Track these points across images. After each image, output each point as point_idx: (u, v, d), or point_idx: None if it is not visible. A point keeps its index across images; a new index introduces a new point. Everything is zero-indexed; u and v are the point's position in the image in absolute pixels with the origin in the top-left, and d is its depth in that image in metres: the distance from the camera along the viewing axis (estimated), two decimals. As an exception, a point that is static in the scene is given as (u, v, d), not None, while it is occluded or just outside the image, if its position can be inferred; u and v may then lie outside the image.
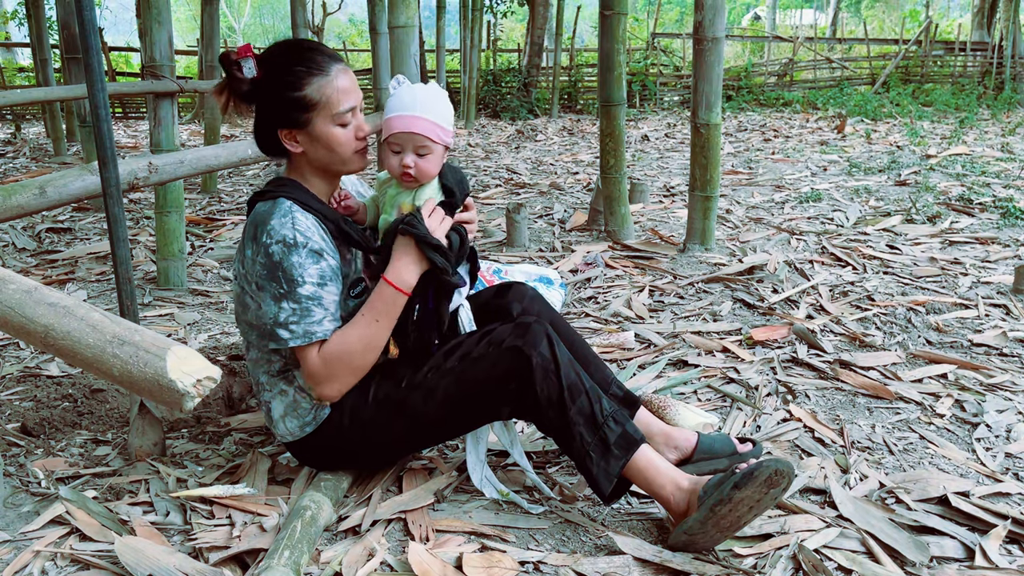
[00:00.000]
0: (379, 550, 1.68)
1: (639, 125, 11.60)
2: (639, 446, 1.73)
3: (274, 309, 1.73)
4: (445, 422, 1.85)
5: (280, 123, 1.79)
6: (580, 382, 1.76)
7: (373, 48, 5.42)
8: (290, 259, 1.71)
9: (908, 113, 11.45)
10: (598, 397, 1.76)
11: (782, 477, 1.57)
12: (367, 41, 13.10)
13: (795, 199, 5.47)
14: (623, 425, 1.74)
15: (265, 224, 1.74)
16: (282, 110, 1.76)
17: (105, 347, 1.25)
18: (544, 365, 1.74)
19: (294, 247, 1.72)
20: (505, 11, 16.45)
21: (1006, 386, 2.47)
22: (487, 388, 1.78)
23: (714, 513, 1.59)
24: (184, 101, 13.64)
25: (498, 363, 1.77)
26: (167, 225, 3.68)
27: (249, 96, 1.79)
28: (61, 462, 2.07)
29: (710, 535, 1.63)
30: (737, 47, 21.44)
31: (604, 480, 1.72)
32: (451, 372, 1.80)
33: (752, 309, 3.24)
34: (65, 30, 6.19)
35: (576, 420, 1.73)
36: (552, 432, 1.78)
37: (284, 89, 1.75)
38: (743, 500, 1.58)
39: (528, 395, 1.75)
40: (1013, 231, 4.36)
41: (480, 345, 1.81)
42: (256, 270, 1.75)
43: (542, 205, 5.58)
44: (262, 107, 1.81)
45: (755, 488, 1.57)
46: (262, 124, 1.84)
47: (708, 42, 3.82)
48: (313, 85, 1.75)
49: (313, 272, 1.73)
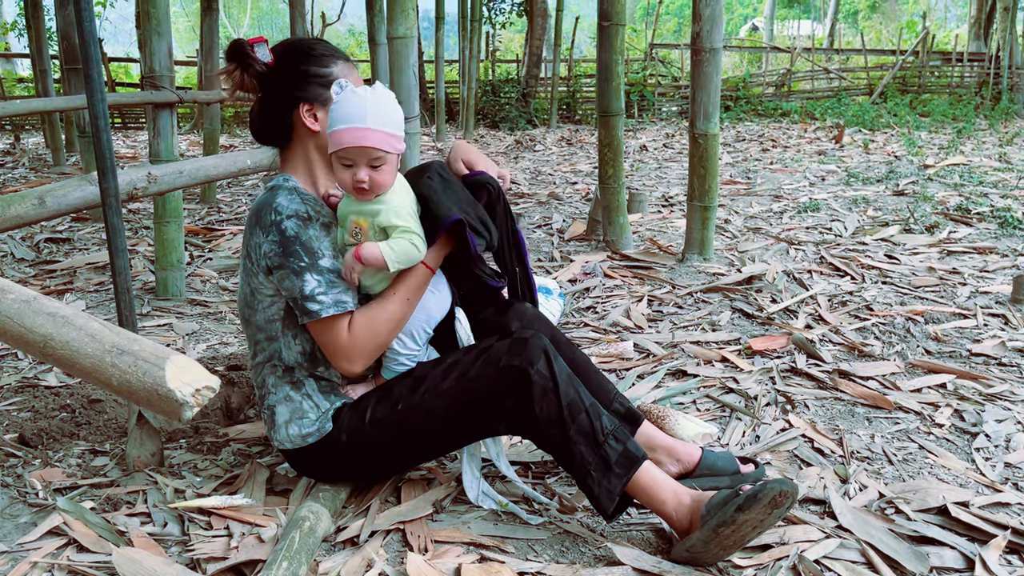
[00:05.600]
0: (377, 561, 1.67)
1: (637, 135, 11.63)
2: (641, 463, 1.72)
3: (298, 283, 1.75)
4: (441, 440, 1.84)
5: (304, 98, 1.85)
6: (580, 399, 1.73)
7: (372, 59, 5.44)
8: (307, 232, 1.76)
9: (906, 123, 11.48)
10: (598, 414, 1.74)
11: (786, 498, 1.56)
12: (366, 52, 13.16)
13: (793, 209, 5.48)
14: (624, 443, 1.72)
15: (270, 204, 1.78)
16: (307, 85, 1.84)
17: (104, 357, 1.25)
18: (543, 384, 1.72)
19: (308, 221, 1.77)
20: (504, 22, 16.48)
21: (1005, 396, 2.47)
22: (484, 407, 1.77)
23: (717, 534, 1.58)
24: (183, 112, 13.65)
25: (495, 382, 1.75)
26: (166, 235, 3.68)
27: (261, 78, 1.87)
28: (59, 473, 2.06)
29: (713, 553, 1.63)
30: (735, 58, 21.50)
31: (606, 499, 1.70)
32: (448, 392, 1.78)
33: (751, 319, 3.24)
34: (65, 41, 6.21)
35: (576, 439, 1.71)
36: (552, 450, 1.76)
37: (312, 64, 1.85)
38: (747, 521, 1.57)
39: (526, 413, 1.73)
40: (1011, 241, 4.37)
41: (477, 364, 1.78)
42: (269, 251, 1.76)
43: (541, 215, 5.59)
44: (278, 87, 1.87)
45: (759, 510, 1.56)
46: (275, 105, 1.88)
47: (706, 53, 3.84)
48: (338, 66, 1.88)
49: (328, 245, 1.79)
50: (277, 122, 1.90)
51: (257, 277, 1.81)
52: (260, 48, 1.85)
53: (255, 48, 1.85)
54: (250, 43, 1.85)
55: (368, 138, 1.71)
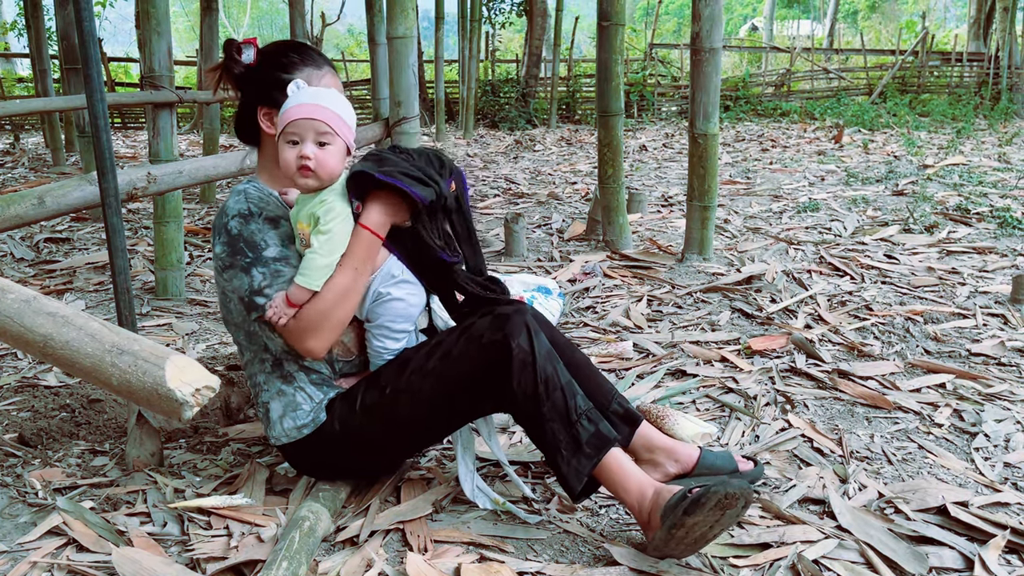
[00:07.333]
0: (377, 561, 1.67)
1: (637, 135, 11.63)
2: (612, 445, 1.73)
3: (246, 280, 1.78)
4: (432, 423, 1.85)
5: (262, 101, 1.88)
6: (556, 376, 1.74)
7: (372, 59, 5.43)
8: (248, 228, 1.79)
9: (905, 123, 11.48)
10: (573, 393, 1.75)
11: (734, 499, 1.54)
12: (366, 52, 13.15)
13: (793, 209, 5.48)
14: (597, 424, 1.73)
15: (223, 208, 1.84)
16: (267, 89, 1.86)
17: (104, 356, 1.25)
18: (522, 357, 1.72)
19: (250, 217, 1.80)
20: (503, 22, 16.48)
21: (1004, 396, 2.47)
22: (469, 384, 1.78)
23: (672, 535, 1.60)
24: (183, 111, 13.65)
25: (479, 358, 1.76)
26: (166, 235, 3.68)
27: (240, 78, 1.91)
28: (58, 472, 2.06)
29: (677, 550, 1.65)
30: (735, 57, 21.49)
31: (574, 479, 1.71)
32: (433, 372, 1.79)
33: (750, 319, 3.24)
34: (64, 41, 6.21)
35: (550, 416, 1.72)
36: (526, 424, 1.77)
37: (275, 70, 1.87)
38: (697, 524, 1.57)
39: (506, 386, 1.73)
40: (1010, 241, 4.37)
41: (460, 342, 1.79)
42: (220, 252, 1.81)
43: (540, 215, 5.59)
44: (249, 88, 1.91)
45: (705, 514, 1.55)
46: (245, 105, 1.93)
47: (706, 53, 3.84)
48: (303, 72, 1.88)
49: (273, 236, 1.80)
50: (246, 123, 1.95)
51: (221, 277, 1.85)
52: (247, 50, 1.88)
53: (243, 49, 1.88)
54: (243, 43, 1.89)
55: (318, 112, 1.71)
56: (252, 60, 1.89)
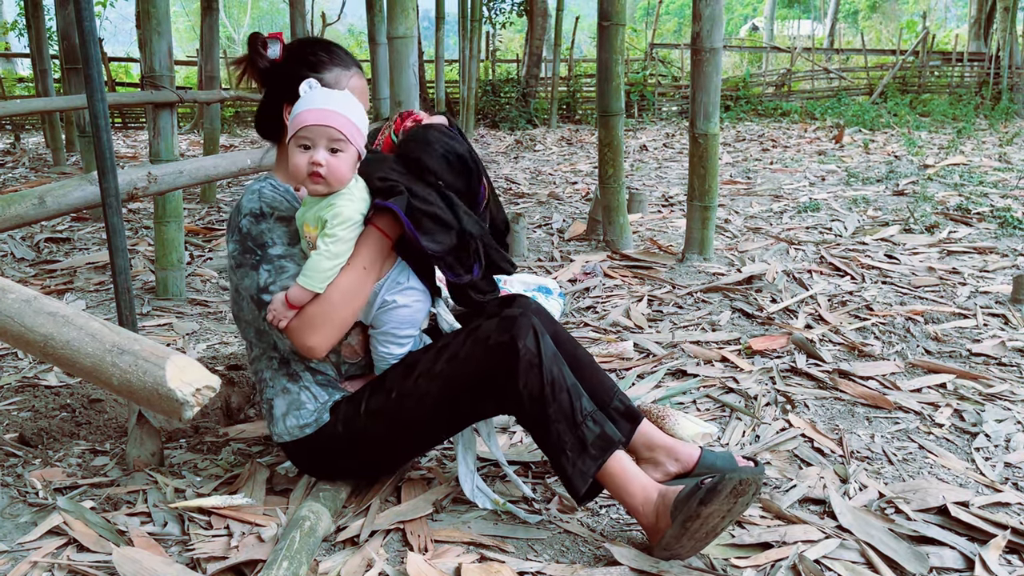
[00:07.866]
0: (378, 560, 1.67)
1: (637, 135, 11.63)
2: (617, 447, 1.73)
3: (255, 278, 1.79)
4: (436, 425, 1.85)
5: (288, 97, 1.83)
6: (562, 378, 1.74)
7: (372, 59, 5.44)
8: (259, 227, 1.79)
9: (906, 123, 11.48)
10: (579, 395, 1.75)
11: (747, 486, 1.56)
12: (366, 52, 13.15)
13: (793, 209, 5.48)
14: (602, 426, 1.73)
15: (237, 206, 1.84)
16: (294, 85, 1.79)
17: (104, 356, 1.25)
18: (528, 359, 1.72)
19: (261, 217, 1.80)
20: (504, 22, 16.48)
21: (1005, 396, 2.47)
22: (475, 386, 1.77)
23: (686, 529, 1.60)
24: (183, 111, 13.65)
25: (485, 360, 1.75)
26: (166, 235, 3.68)
27: (265, 73, 1.89)
28: (59, 472, 2.06)
29: (687, 547, 1.64)
30: (735, 57, 21.50)
31: (579, 480, 1.71)
32: (440, 375, 1.79)
33: (751, 319, 3.24)
34: (65, 41, 6.21)
35: (556, 418, 1.72)
36: (530, 426, 1.77)
37: (303, 67, 1.85)
38: (712, 513, 1.57)
39: (511, 388, 1.73)
40: (1011, 241, 4.37)
41: (467, 344, 1.79)
42: (232, 250, 1.82)
43: (541, 215, 5.59)
44: (274, 84, 1.90)
45: (721, 502, 1.56)
46: (269, 101, 1.92)
47: (706, 53, 3.84)
48: (332, 72, 1.87)
49: (282, 234, 1.80)
50: (270, 119, 1.94)
51: (234, 274, 1.85)
52: (273, 45, 1.88)
53: (268, 44, 1.87)
54: (268, 37, 1.88)
55: (330, 118, 1.68)
56: (278, 56, 1.88)
